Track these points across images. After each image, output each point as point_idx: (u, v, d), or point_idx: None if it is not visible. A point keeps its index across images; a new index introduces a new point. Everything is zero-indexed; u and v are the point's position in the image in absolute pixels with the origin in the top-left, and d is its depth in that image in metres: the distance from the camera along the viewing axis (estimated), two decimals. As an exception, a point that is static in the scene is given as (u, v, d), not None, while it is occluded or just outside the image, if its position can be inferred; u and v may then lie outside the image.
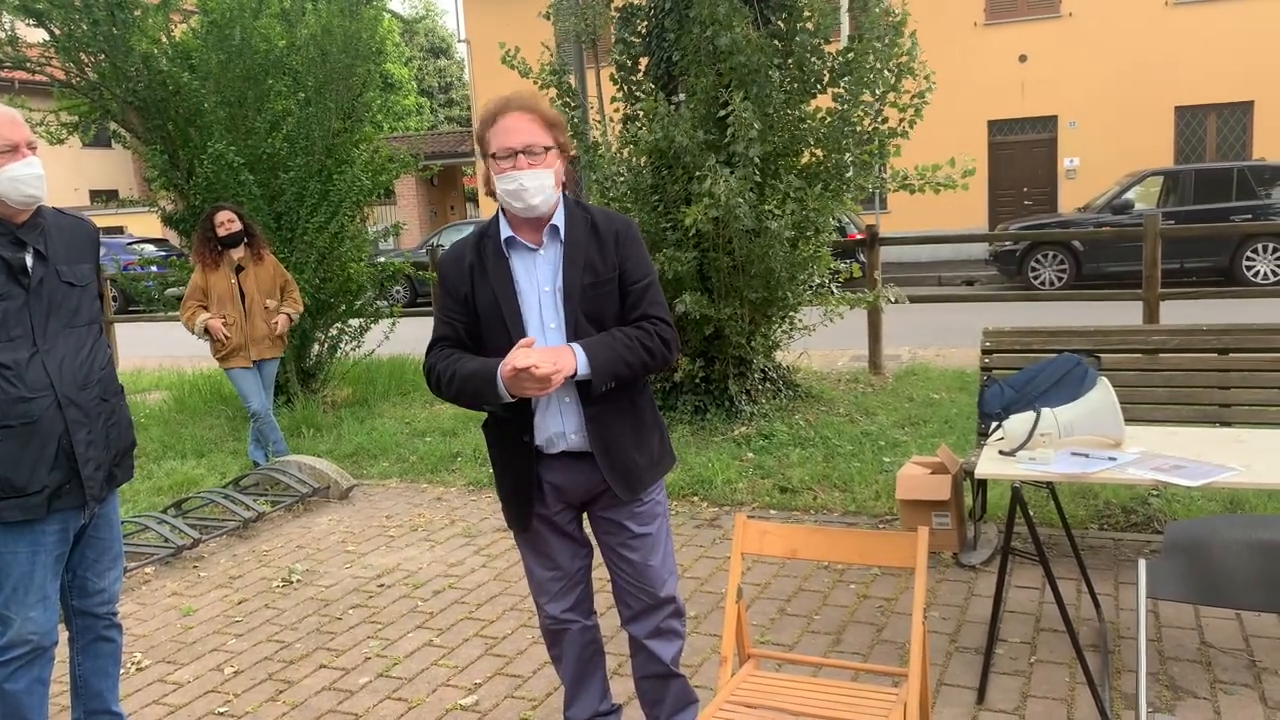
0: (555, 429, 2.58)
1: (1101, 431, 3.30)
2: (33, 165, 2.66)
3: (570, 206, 2.62)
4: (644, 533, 2.68)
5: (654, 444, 2.69)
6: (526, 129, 2.48)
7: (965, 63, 19.36)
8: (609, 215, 2.63)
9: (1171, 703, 3.15)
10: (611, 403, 2.57)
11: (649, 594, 2.70)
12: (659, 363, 2.55)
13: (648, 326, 2.55)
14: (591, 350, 2.46)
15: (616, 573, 2.72)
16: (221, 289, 6.13)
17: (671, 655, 2.78)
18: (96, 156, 29.54)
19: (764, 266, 6.59)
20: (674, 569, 2.77)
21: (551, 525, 2.69)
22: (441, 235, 19.23)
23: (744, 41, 6.27)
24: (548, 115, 2.53)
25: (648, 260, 2.63)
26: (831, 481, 5.60)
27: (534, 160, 2.47)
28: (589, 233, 2.58)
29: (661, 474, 2.72)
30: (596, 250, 2.56)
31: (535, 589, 2.79)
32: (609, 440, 2.58)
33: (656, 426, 2.72)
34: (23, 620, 2.73)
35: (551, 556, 2.73)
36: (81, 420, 2.76)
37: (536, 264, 2.57)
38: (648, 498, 2.68)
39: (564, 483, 2.63)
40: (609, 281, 2.56)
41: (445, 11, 44.15)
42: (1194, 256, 13.79)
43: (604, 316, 2.55)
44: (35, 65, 8.45)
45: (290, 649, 4.00)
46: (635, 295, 2.58)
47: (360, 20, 8.32)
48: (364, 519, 5.64)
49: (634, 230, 2.63)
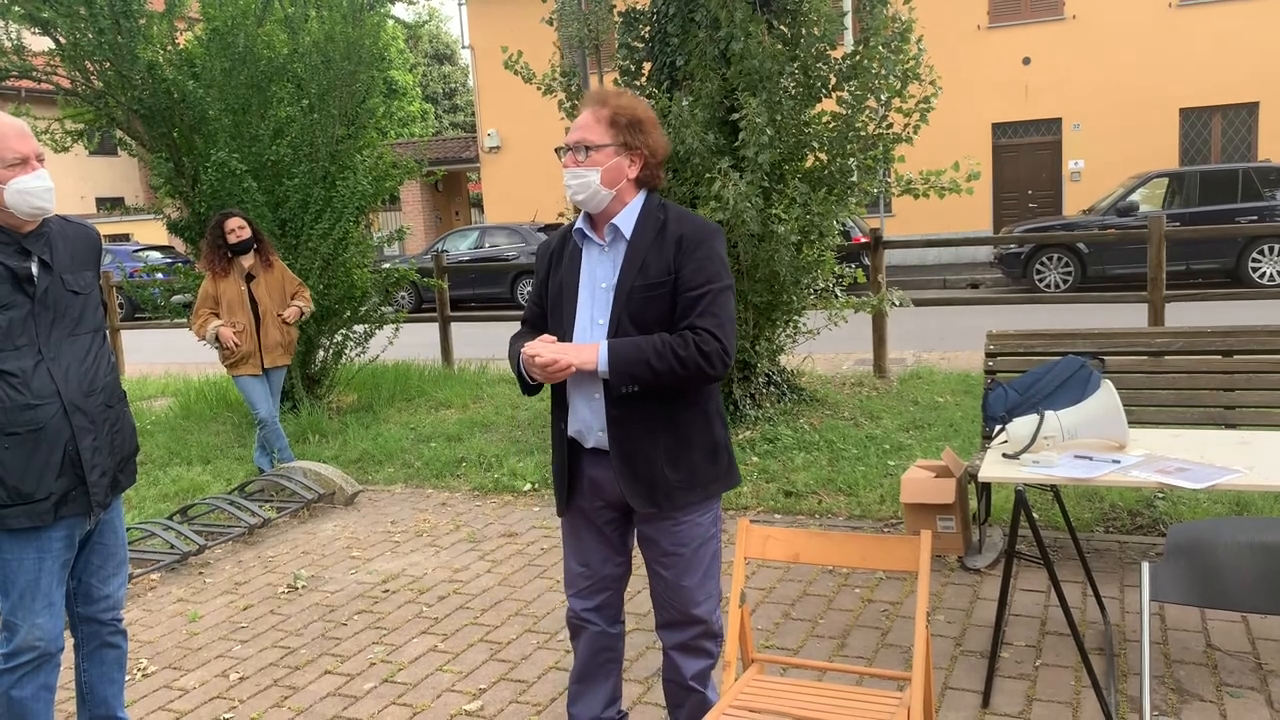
0: (585, 423, 2.61)
1: (1106, 434, 3.30)
2: (42, 178, 2.68)
3: (649, 206, 2.60)
4: (676, 551, 2.63)
5: (695, 462, 2.60)
6: (585, 126, 2.54)
7: (969, 65, 19.36)
8: (684, 219, 2.57)
9: (1177, 706, 3.14)
10: (640, 409, 2.54)
11: (680, 611, 2.68)
12: (692, 374, 2.45)
13: (688, 335, 2.47)
14: (615, 348, 2.45)
15: (652, 582, 2.73)
16: (232, 296, 6.14)
17: (695, 671, 2.74)
18: (102, 164, 29.63)
19: (769, 270, 6.59)
20: (713, 592, 2.70)
21: (589, 521, 2.71)
22: (445, 241, 19.26)
23: (758, 46, 6.28)
24: (618, 113, 2.54)
25: (714, 269, 2.52)
26: (836, 485, 5.60)
27: (579, 158, 2.53)
28: (655, 235, 2.56)
29: (705, 496, 2.62)
30: (656, 253, 2.54)
31: (565, 579, 2.82)
32: (631, 447, 2.55)
33: (707, 445, 2.62)
34: (29, 627, 2.74)
35: (584, 552, 2.75)
36: (87, 427, 2.77)
37: (602, 260, 2.60)
38: (685, 517, 2.62)
39: (600, 479, 2.64)
40: (661, 285, 2.51)
41: (449, 18, 44.30)
42: (1199, 258, 13.75)
43: (648, 320, 2.52)
44: (41, 74, 8.50)
45: (295, 655, 4.00)
46: (687, 303, 2.51)
47: (363, 27, 8.34)
48: (369, 525, 5.65)
49: (706, 236, 2.54)
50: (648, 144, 2.57)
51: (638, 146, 2.56)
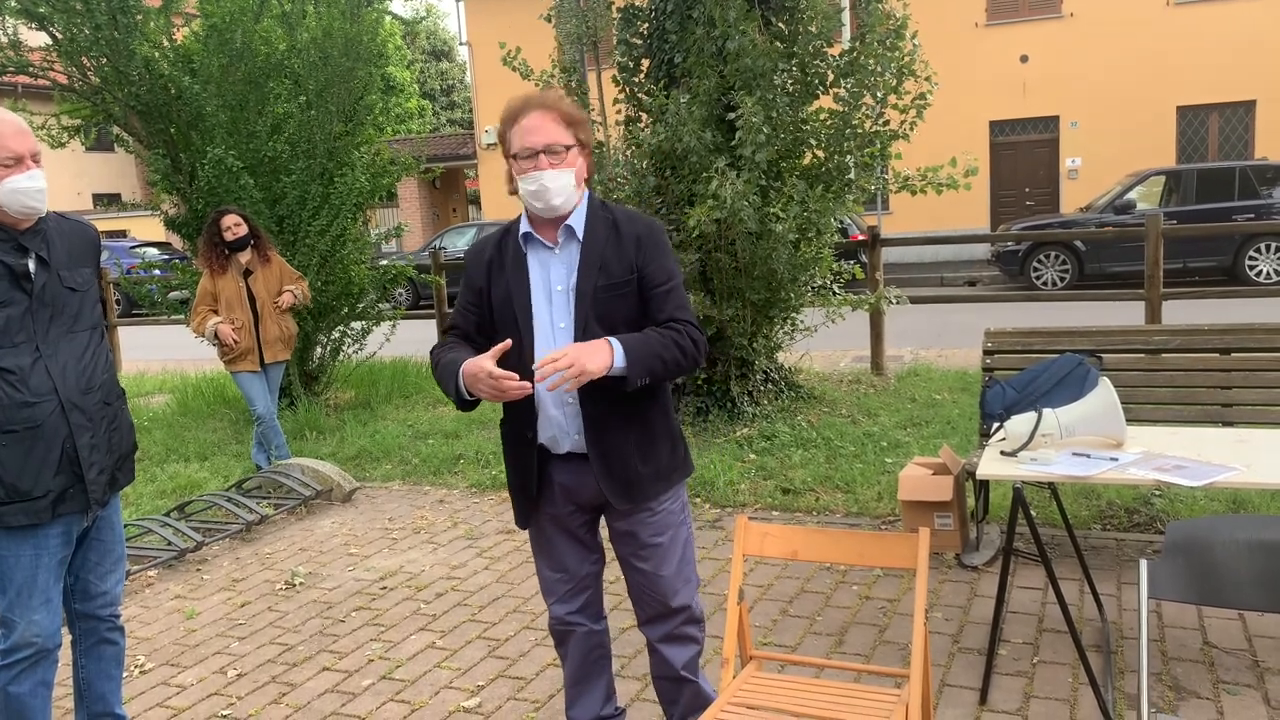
0: (558, 428, 2.57)
1: (1103, 432, 3.30)
2: (35, 179, 2.66)
3: (593, 206, 2.59)
4: (655, 542, 2.65)
5: (662, 454, 2.64)
6: (548, 128, 2.47)
7: (966, 63, 19.37)
8: (632, 217, 2.58)
9: (1174, 703, 3.15)
10: (614, 408, 2.54)
11: (660, 603, 2.69)
12: (690, 363, 2.49)
13: (677, 327, 2.49)
14: (629, 344, 2.41)
15: (630, 579, 2.72)
16: (230, 293, 6.13)
17: (684, 661, 2.76)
18: (99, 160, 29.60)
19: (767, 268, 6.59)
20: (691, 577, 2.73)
21: (561, 526, 2.69)
22: (443, 238, 19.25)
23: (751, 45, 6.27)
24: (568, 113, 2.51)
25: (672, 264, 2.57)
26: (834, 483, 5.60)
27: (555, 160, 2.47)
28: (609, 234, 2.55)
29: (671, 485, 2.67)
30: (614, 252, 2.53)
31: (543, 589, 2.80)
32: (607, 446, 2.55)
33: (668, 436, 2.66)
34: (26, 623, 2.74)
35: (559, 558, 2.73)
36: (85, 424, 2.77)
37: (552, 263, 2.56)
38: (659, 507, 2.65)
39: (572, 484, 2.62)
40: (625, 284, 2.52)
41: (447, 14, 44.19)
42: (1196, 256, 13.77)
43: (615, 320, 2.51)
44: (38, 69, 8.47)
45: (293, 651, 4.00)
46: (659, 299, 2.53)
47: (361, 23, 8.32)
48: (367, 521, 5.64)
49: (657, 233, 2.57)
50: (590, 140, 2.59)
51: (587, 144, 2.56)
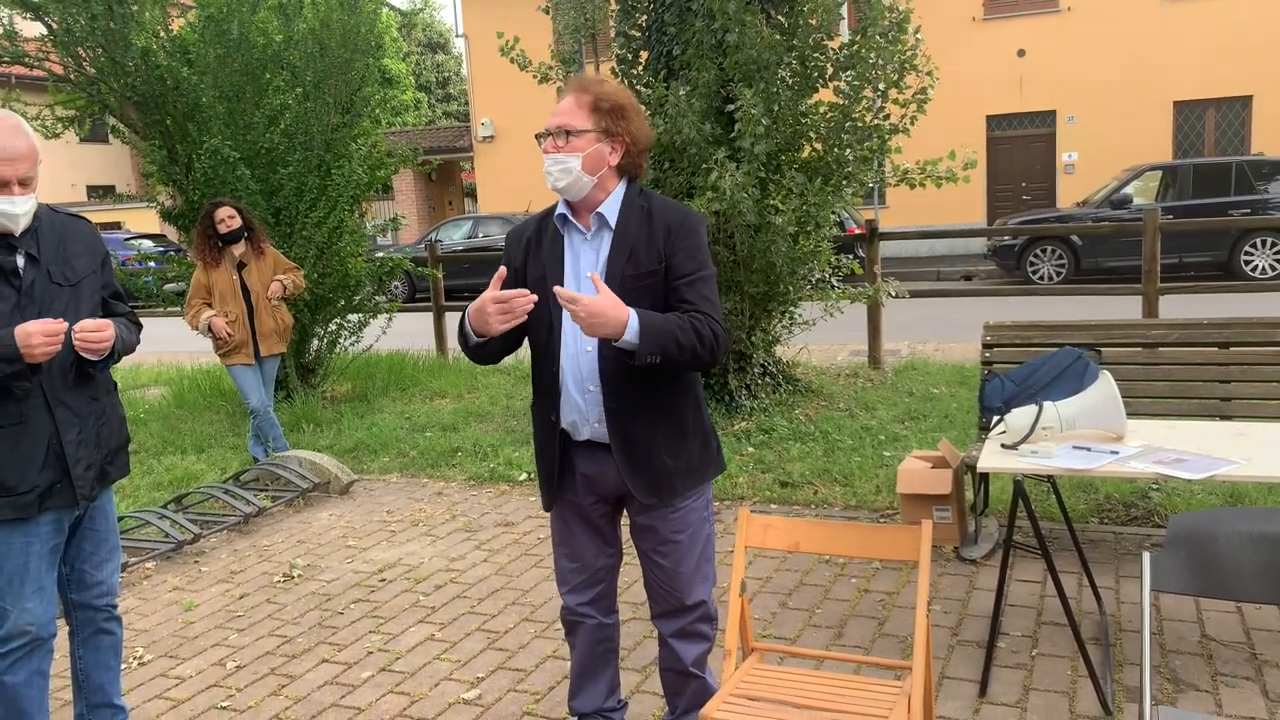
0: (578, 413, 2.56)
1: (1103, 425, 3.30)
2: (15, 204, 2.61)
3: (630, 195, 2.57)
4: (676, 539, 2.64)
5: (692, 450, 2.61)
6: (566, 111, 2.50)
7: (963, 58, 19.35)
8: (668, 206, 2.56)
9: (1173, 695, 3.15)
10: (640, 399, 2.52)
11: (676, 598, 2.68)
12: (708, 353, 2.43)
13: (699, 317, 2.46)
14: (646, 317, 2.38)
15: (647, 572, 2.72)
16: (224, 286, 6.11)
17: (693, 657, 2.75)
18: (94, 151, 29.47)
19: (765, 261, 6.59)
20: (708, 575, 2.72)
21: (582, 516, 2.69)
22: (439, 230, 19.21)
23: (753, 37, 6.26)
24: (600, 99, 2.50)
25: (703, 255, 2.53)
26: (832, 476, 5.60)
27: (558, 144, 2.48)
28: (642, 223, 2.53)
29: (699, 482, 2.64)
30: (645, 241, 2.51)
31: (558, 577, 2.80)
32: (632, 437, 2.53)
33: (699, 434, 2.64)
34: (19, 612, 2.73)
35: (576, 548, 2.72)
36: (71, 420, 2.75)
37: (584, 250, 2.56)
38: (681, 504, 2.63)
39: (594, 473, 2.61)
40: (653, 274, 2.50)
41: (443, 6, 43.94)
42: (1193, 251, 13.79)
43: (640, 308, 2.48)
44: (33, 60, 8.42)
45: (292, 643, 4.00)
46: (682, 289, 2.49)
47: (358, 14, 8.30)
48: (365, 514, 5.63)
49: (692, 223, 2.54)
50: (630, 131, 2.54)
51: (619, 133, 2.52)
